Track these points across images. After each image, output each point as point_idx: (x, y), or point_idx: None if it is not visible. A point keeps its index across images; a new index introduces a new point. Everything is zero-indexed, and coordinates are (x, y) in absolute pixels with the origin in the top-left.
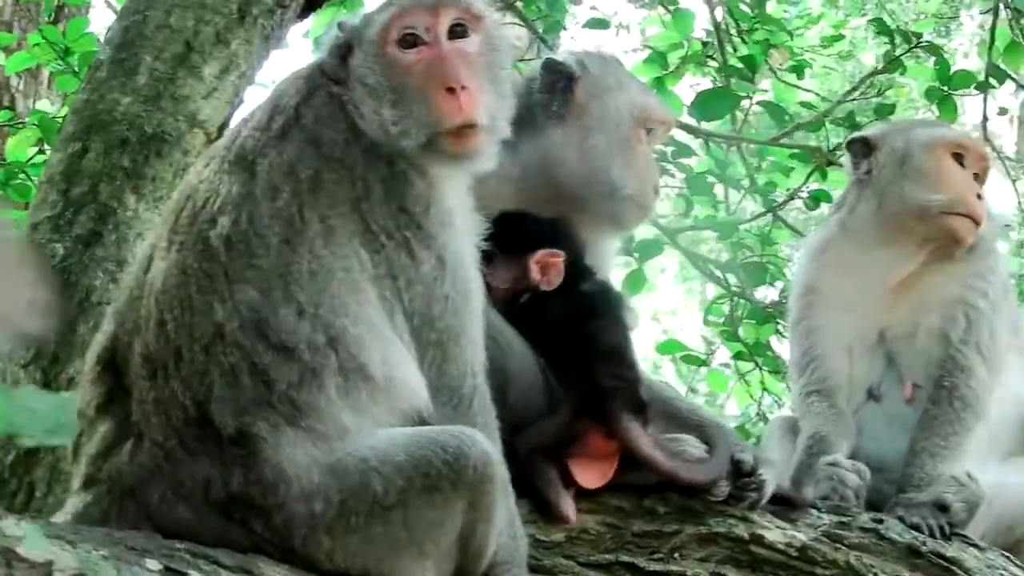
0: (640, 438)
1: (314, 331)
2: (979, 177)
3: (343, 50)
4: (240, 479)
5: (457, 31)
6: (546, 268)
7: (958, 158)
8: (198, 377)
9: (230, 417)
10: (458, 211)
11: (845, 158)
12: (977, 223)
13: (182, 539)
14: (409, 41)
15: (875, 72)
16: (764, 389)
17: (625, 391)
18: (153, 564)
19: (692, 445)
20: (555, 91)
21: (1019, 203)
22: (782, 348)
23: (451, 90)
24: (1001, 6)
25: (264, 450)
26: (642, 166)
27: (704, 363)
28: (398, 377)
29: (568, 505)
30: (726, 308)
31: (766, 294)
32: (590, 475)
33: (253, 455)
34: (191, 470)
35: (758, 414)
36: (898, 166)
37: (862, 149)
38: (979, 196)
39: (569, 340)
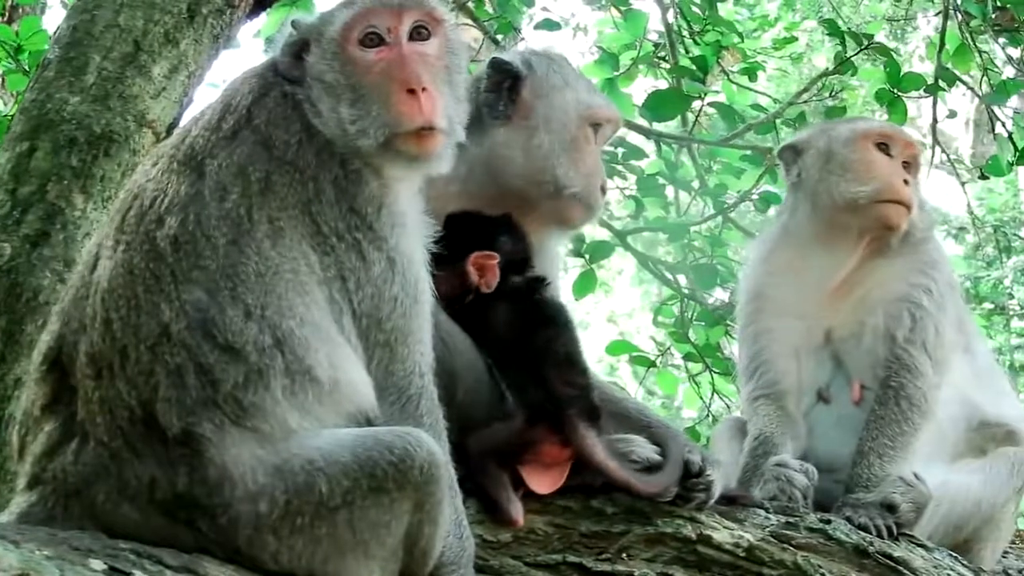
0: (595, 447)
1: (261, 332)
2: (909, 166)
3: (297, 48)
4: (185, 479)
5: (418, 33)
6: (482, 270)
7: (883, 148)
8: (143, 377)
9: (175, 417)
10: (409, 213)
11: (781, 165)
12: (907, 207)
13: (127, 539)
14: (371, 41)
15: (826, 73)
16: (714, 391)
17: (580, 399)
18: (97, 564)
19: (640, 445)
20: (501, 90)
21: (968, 206)
22: (732, 350)
23: (412, 91)
24: (951, 10)
25: (209, 450)
26: (589, 164)
27: (653, 364)
28: (344, 379)
29: (516, 508)
30: (676, 310)
31: (717, 296)
32: (542, 482)
33: (198, 455)
34: (136, 470)
35: (708, 415)
36: (823, 165)
37: (791, 155)
38: (906, 182)
39: (521, 348)
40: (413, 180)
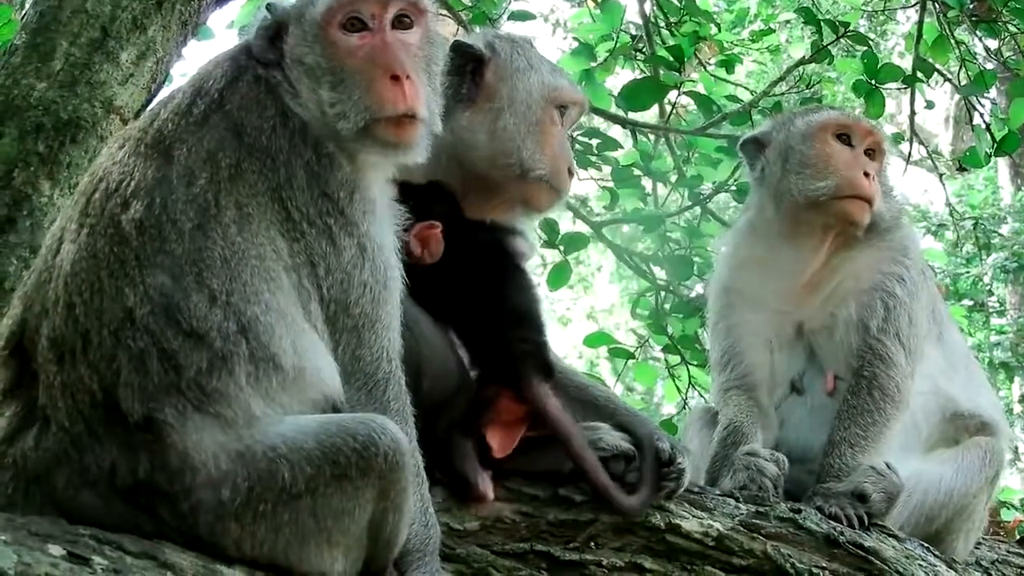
0: (549, 399)
1: (225, 318)
2: (873, 153)
3: (272, 32)
4: (146, 465)
5: (401, 22)
6: (425, 241)
7: (844, 139)
8: (106, 362)
9: (137, 403)
10: (381, 200)
11: (744, 159)
12: (868, 202)
13: (88, 525)
14: (353, 25)
15: (803, 61)
16: (691, 382)
17: (534, 354)
18: (56, 549)
19: (607, 433)
20: (464, 74)
21: (948, 202)
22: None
23: (395, 78)
24: (929, 1)
25: (170, 436)
26: (555, 147)
27: (631, 356)
28: (309, 367)
29: (485, 483)
30: (653, 301)
31: (694, 287)
32: (501, 440)
33: (159, 441)
34: (97, 456)
35: (685, 407)
36: (783, 161)
37: (754, 149)
38: (867, 174)
39: (474, 304)
40: (386, 168)
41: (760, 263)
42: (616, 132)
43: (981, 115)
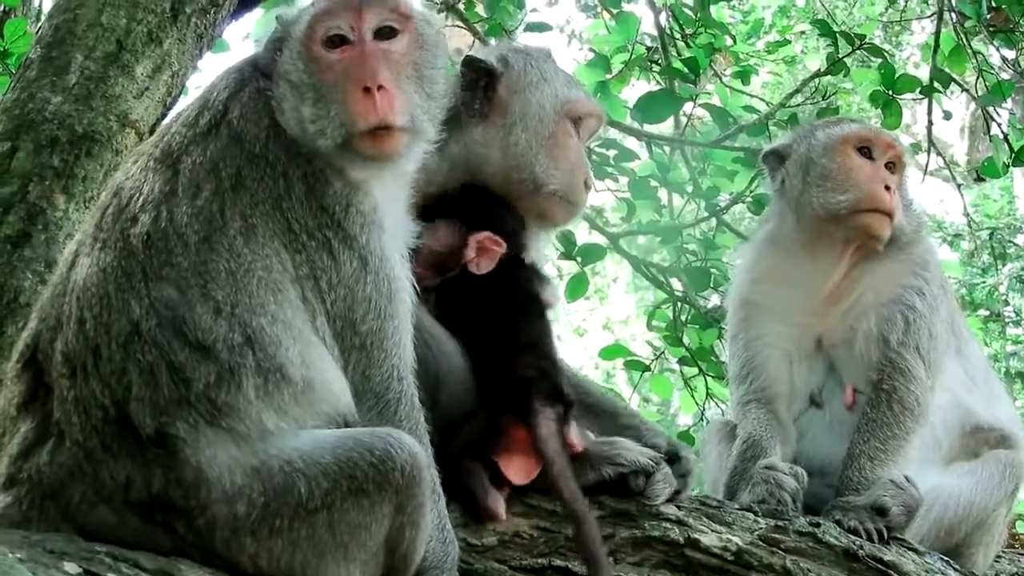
0: (545, 431)
1: (231, 330)
2: (893, 166)
3: (277, 44)
4: (161, 480)
5: (384, 32)
6: (482, 250)
7: (864, 152)
8: (116, 376)
9: (149, 417)
10: (385, 211)
11: (765, 171)
12: (889, 215)
13: (103, 541)
14: (334, 41)
15: (818, 74)
16: (708, 394)
17: (541, 381)
18: (72, 567)
19: (627, 448)
20: (476, 89)
21: (965, 212)
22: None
23: (367, 90)
24: (946, 11)
25: (184, 451)
26: (570, 160)
27: (647, 368)
28: (318, 379)
29: (495, 501)
30: (670, 313)
31: (710, 299)
32: (517, 471)
33: (173, 456)
34: (112, 471)
35: (702, 419)
36: (804, 174)
37: (775, 161)
38: (887, 187)
39: (488, 334)
40: (385, 179)
41: (780, 276)
42: (633, 143)
43: (999, 125)
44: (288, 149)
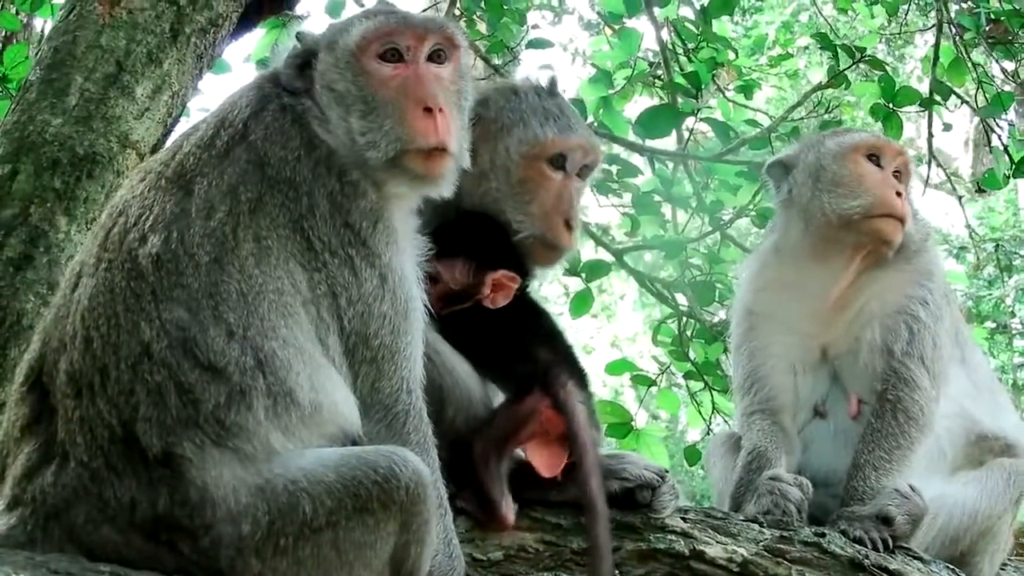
0: (579, 408)
1: (243, 353)
2: (900, 175)
3: (302, 60)
4: (166, 500)
5: (436, 56)
6: (499, 288)
7: (874, 160)
8: (124, 396)
9: (156, 437)
10: (404, 231)
11: (770, 182)
12: (901, 220)
13: (108, 561)
14: (390, 56)
15: (820, 87)
16: (714, 409)
17: (566, 361)
18: None
19: (632, 463)
20: None
21: (967, 224)
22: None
23: (428, 111)
24: (946, 24)
25: (190, 471)
26: (545, 204)
27: (653, 383)
28: (327, 402)
29: (509, 508)
30: (675, 328)
31: (716, 313)
32: (545, 462)
33: (179, 476)
34: (117, 491)
35: (708, 433)
36: (814, 181)
37: (780, 171)
38: (899, 194)
39: (506, 333)
40: (412, 199)
41: (785, 285)
42: (637, 159)
43: (999, 136)
44: (316, 166)
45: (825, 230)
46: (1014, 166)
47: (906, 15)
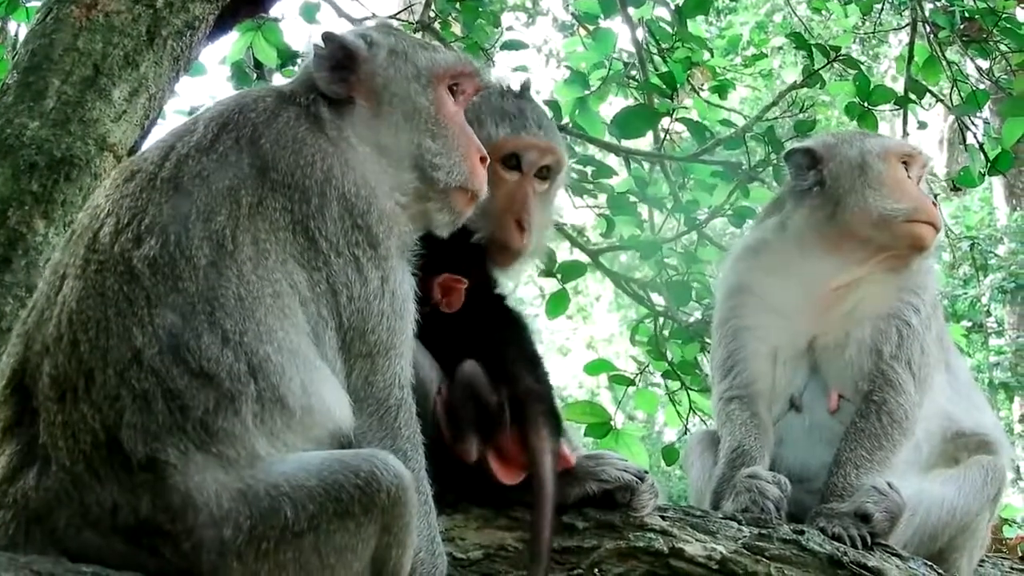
0: (544, 453)
1: (237, 359)
2: (919, 184)
3: (339, 61)
4: (148, 505)
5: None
6: (447, 291)
7: (905, 166)
8: (109, 401)
9: (140, 443)
10: (408, 243)
11: (789, 168)
12: (937, 230)
13: (89, 565)
14: (454, 91)
15: (794, 86)
16: (691, 407)
17: (545, 398)
18: None
19: (611, 464)
20: None
21: (944, 224)
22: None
23: (483, 160)
24: (920, 22)
25: (173, 476)
26: (500, 204)
27: (631, 383)
28: (318, 405)
29: (471, 448)
30: (652, 327)
31: (692, 313)
32: (504, 472)
33: (162, 481)
34: (99, 495)
35: (685, 433)
36: (856, 176)
37: (806, 159)
38: (934, 203)
39: (487, 347)
40: (421, 221)
41: (785, 267)
42: (612, 159)
43: (975, 135)
44: (331, 169)
45: (857, 225)
46: (989, 164)
47: (880, 14)
